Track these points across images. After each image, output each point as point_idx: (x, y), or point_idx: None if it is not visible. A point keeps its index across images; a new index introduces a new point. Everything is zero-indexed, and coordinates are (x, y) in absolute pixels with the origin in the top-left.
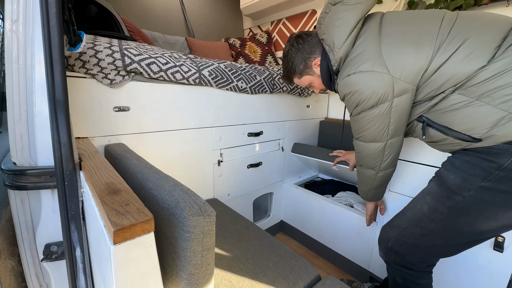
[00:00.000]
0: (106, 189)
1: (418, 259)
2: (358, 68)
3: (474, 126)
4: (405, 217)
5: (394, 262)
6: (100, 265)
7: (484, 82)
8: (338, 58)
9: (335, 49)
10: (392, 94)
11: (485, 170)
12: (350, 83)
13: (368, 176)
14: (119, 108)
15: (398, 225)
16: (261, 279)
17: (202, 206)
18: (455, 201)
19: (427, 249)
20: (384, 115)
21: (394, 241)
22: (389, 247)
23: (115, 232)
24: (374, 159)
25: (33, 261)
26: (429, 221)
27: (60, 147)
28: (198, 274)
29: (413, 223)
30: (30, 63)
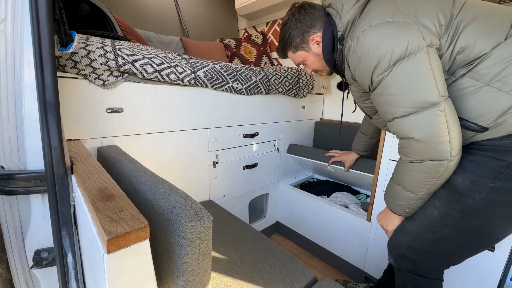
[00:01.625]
0: (99, 195)
1: (431, 266)
2: (373, 21)
3: (483, 113)
4: (415, 223)
5: (405, 268)
6: (93, 272)
7: (496, 64)
8: (345, 22)
9: (343, 12)
10: (424, 40)
11: (494, 170)
12: (366, 39)
13: (433, 171)
14: (112, 109)
15: (409, 231)
16: (257, 282)
17: (199, 211)
18: (466, 204)
19: (440, 256)
20: (424, 64)
21: (407, 248)
22: (401, 254)
23: (109, 240)
24: (437, 136)
25: (22, 268)
26: (441, 226)
27: (51, 151)
28: (195, 281)
29: (424, 229)
30: (19, 64)
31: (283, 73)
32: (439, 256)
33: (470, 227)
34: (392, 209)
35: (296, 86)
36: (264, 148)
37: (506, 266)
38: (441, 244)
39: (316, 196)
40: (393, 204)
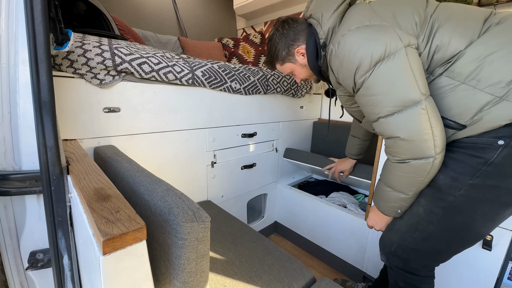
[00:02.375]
0: (95, 195)
1: (421, 263)
2: (352, 26)
3: (461, 111)
4: (403, 221)
5: (396, 266)
6: (89, 274)
7: (470, 63)
8: (326, 30)
9: (323, 20)
10: (401, 41)
11: (473, 167)
12: (347, 43)
13: (420, 170)
14: (109, 109)
15: (398, 229)
16: (256, 282)
17: (196, 212)
18: (447, 201)
19: (429, 253)
20: (403, 65)
21: (397, 246)
22: (392, 252)
23: (105, 242)
24: (422, 134)
25: (17, 269)
26: (427, 224)
27: (46, 151)
28: (192, 282)
29: (412, 227)
30: (14, 62)
31: (281, 73)
32: (428, 253)
33: (454, 224)
34: (383, 211)
35: (294, 86)
36: (263, 148)
37: (503, 265)
38: (429, 242)
39: (315, 196)
40: (383, 207)
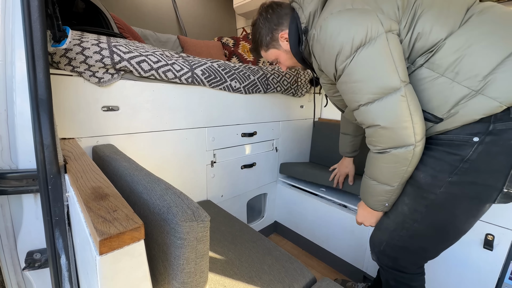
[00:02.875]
0: (93, 194)
1: (410, 261)
2: (334, 9)
3: (439, 104)
4: (390, 220)
5: (387, 265)
6: (86, 274)
7: (450, 55)
8: (307, 14)
9: (304, 4)
10: (382, 26)
11: (451, 165)
12: (328, 27)
13: (402, 159)
14: (107, 107)
15: (386, 228)
16: (256, 282)
17: (196, 211)
18: (430, 199)
19: (417, 251)
20: (383, 50)
21: (386, 245)
22: (382, 251)
23: (101, 241)
24: (401, 122)
25: (14, 269)
26: (412, 222)
27: (43, 149)
28: (192, 283)
29: (399, 226)
30: (10, 60)
31: (282, 72)
32: (415, 251)
33: (437, 221)
34: (371, 206)
35: (295, 85)
36: (262, 147)
37: (504, 265)
38: (415, 239)
39: (315, 196)
40: (371, 201)
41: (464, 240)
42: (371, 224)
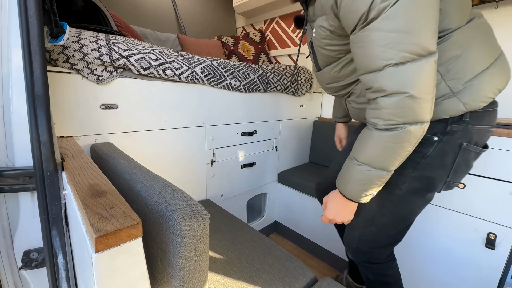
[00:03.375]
0: (90, 191)
1: (381, 252)
2: None
3: None
4: (360, 218)
5: (362, 260)
6: (83, 273)
7: (454, 49)
8: None
9: None
10: None
11: (414, 161)
12: None
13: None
14: (106, 105)
15: (357, 225)
16: (256, 282)
17: (195, 208)
18: (396, 194)
19: (386, 241)
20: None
21: (358, 241)
22: (355, 248)
23: (97, 238)
24: (428, 93)
25: (10, 269)
26: (380, 217)
27: (40, 146)
28: (191, 282)
29: (369, 222)
30: (7, 56)
31: (282, 71)
32: (385, 242)
33: (402, 212)
34: (355, 197)
35: (295, 84)
36: (262, 146)
37: (506, 264)
38: (384, 232)
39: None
40: (357, 192)
41: (466, 239)
42: (345, 220)
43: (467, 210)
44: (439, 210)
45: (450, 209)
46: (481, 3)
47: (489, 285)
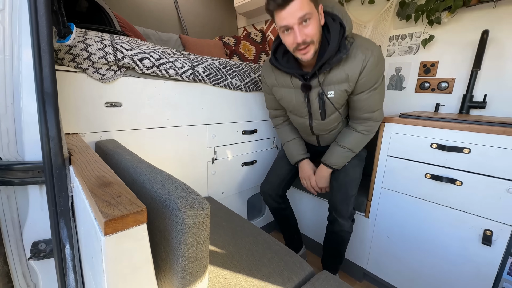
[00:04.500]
0: (97, 182)
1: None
2: (372, 46)
3: None
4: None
5: (351, 213)
6: (91, 260)
7: None
8: (349, 29)
9: (347, 22)
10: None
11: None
12: (381, 55)
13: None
14: (110, 103)
15: (351, 188)
16: (255, 275)
17: (196, 199)
18: (362, 164)
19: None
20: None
21: (353, 197)
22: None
23: (106, 222)
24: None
25: (19, 260)
26: (359, 177)
27: (49, 141)
28: (192, 267)
29: (356, 182)
30: (17, 55)
31: None
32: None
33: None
34: (338, 166)
35: None
36: (263, 145)
37: (502, 260)
38: (357, 187)
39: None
40: (340, 163)
41: (463, 236)
42: (327, 186)
43: (464, 207)
44: (436, 207)
45: (447, 206)
46: (479, 3)
47: (486, 281)
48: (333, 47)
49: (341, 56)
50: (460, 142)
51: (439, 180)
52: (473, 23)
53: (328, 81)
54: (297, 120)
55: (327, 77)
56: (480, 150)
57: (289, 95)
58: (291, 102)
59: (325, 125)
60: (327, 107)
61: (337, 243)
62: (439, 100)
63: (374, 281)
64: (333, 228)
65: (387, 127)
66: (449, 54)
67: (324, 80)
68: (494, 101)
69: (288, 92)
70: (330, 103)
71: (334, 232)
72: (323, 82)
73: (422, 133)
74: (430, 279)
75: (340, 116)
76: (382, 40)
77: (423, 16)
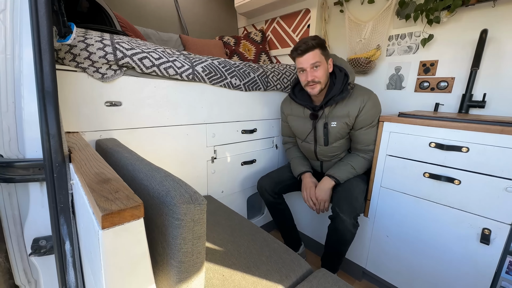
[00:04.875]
0: (96, 178)
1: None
2: (369, 92)
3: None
4: (360, 191)
5: (355, 215)
6: (90, 255)
7: None
8: (353, 80)
9: (351, 75)
10: None
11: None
12: (377, 100)
13: (368, 164)
14: (110, 103)
15: (357, 197)
16: (253, 272)
17: (193, 195)
18: (365, 181)
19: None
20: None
21: (360, 205)
22: (359, 208)
23: (103, 216)
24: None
25: (20, 256)
26: (364, 189)
27: (49, 139)
28: (189, 262)
29: (362, 192)
30: (18, 54)
31: (282, 70)
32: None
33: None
34: (342, 179)
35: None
36: (263, 144)
37: (500, 259)
38: (361, 193)
39: None
40: (344, 178)
41: (461, 235)
42: (327, 199)
43: (462, 206)
44: (435, 206)
45: (446, 205)
46: (478, 3)
47: (484, 280)
48: (337, 88)
49: (343, 96)
50: (458, 141)
51: (438, 179)
52: (473, 22)
53: (333, 115)
54: (304, 146)
55: (331, 112)
56: (478, 149)
57: (300, 123)
58: (301, 128)
59: (327, 151)
60: (330, 135)
61: (337, 241)
62: (438, 100)
63: (373, 280)
64: (334, 225)
65: (386, 126)
66: (449, 54)
67: (329, 113)
68: (494, 100)
69: (300, 120)
70: (333, 132)
71: (335, 229)
72: (328, 115)
73: (421, 132)
74: (429, 278)
75: (342, 146)
76: (381, 40)
77: (422, 16)
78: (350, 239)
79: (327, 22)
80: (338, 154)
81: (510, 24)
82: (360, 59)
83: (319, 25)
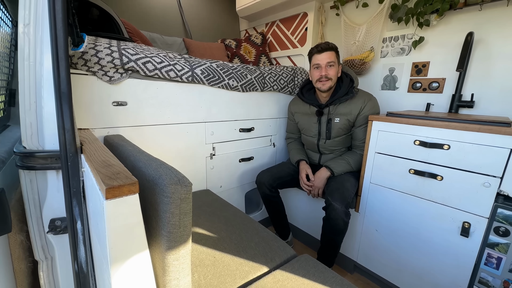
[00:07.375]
0: (102, 164)
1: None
2: (369, 95)
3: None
4: (349, 183)
5: (346, 206)
6: (97, 227)
7: None
8: (357, 85)
9: (355, 81)
10: None
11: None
12: (376, 101)
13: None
14: (117, 102)
15: (348, 188)
16: (242, 255)
17: (181, 178)
18: (356, 176)
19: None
20: None
21: (350, 195)
22: (349, 198)
23: (107, 189)
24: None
25: (39, 235)
26: (355, 183)
27: (64, 133)
28: (176, 233)
29: (352, 185)
30: (40, 61)
31: (279, 72)
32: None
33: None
34: (338, 172)
35: (291, 84)
36: (260, 142)
37: (479, 251)
38: (353, 186)
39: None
40: (340, 171)
41: (444, 228)
42: (321, 186)
43: (444, 200)
44: (420, 201)
45: (430, 200)
46: (465, 6)
47: (465, 271)
48: (343, 90)
49: (347, 97)
50: (440, 139)
51: (422, 175)
52: (461, 25)
53: (336, 112)
54: (307, 139)
55: (335, 109)
56: (458, 147)
57: (306, 119)
58: (307, 124)
59: (329, 144)
60: (333, 129)
61: (331, 231)
62: (430, 100)
63: (364, 273)
64: (328, 215)
65: (375, 125)
66: (439, 55)
67: (333, 111)
68: (483, 100)
69: (306, 116)
70: (335, 127)
71: (328, 219)
72: (332, 112)
73: (406, 130)
74: (416, 270)
75: (342, 141)
76: (375, 42)
77: (413, 19)
78: (343, 228)
79: (323, 25)
80: (338, 148)
81: (496, 26)
82: (355, 60)
83: (316, 28)
